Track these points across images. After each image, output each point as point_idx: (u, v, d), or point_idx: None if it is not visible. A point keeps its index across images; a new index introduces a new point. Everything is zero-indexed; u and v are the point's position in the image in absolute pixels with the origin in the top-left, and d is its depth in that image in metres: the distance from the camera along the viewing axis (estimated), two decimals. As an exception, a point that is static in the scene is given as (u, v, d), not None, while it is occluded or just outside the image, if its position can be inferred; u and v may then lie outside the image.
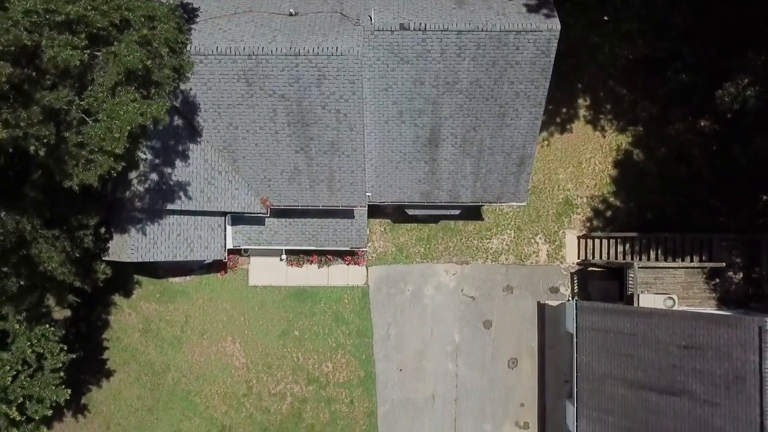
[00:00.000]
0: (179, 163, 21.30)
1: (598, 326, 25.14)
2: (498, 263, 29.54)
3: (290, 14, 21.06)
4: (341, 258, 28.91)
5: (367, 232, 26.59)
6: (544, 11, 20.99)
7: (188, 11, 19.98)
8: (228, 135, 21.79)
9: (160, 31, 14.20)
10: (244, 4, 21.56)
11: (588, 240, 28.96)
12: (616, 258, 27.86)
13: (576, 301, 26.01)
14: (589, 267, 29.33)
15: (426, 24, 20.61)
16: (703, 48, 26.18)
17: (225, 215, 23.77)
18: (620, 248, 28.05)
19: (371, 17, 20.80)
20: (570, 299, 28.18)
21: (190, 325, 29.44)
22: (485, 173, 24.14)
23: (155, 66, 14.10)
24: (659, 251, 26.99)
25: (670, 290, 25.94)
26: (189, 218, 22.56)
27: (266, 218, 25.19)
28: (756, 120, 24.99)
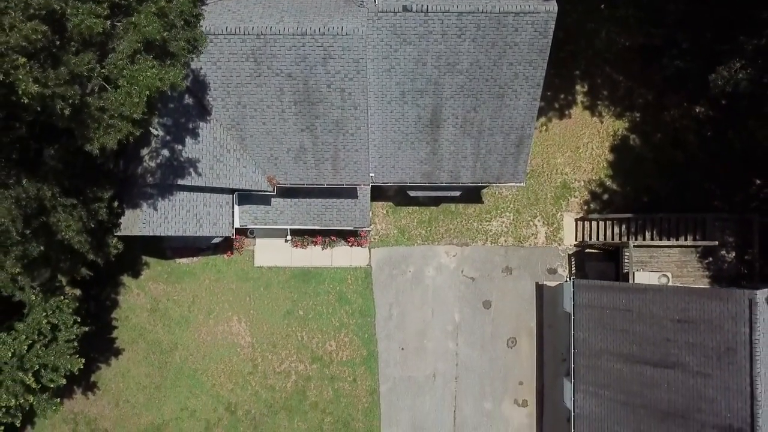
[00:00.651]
0: (189, 141, 22.06)
1: (595, 303, 25.87)
2: (497, 245, 30.29)
3: (297, -4, 21.84)
4: (344, 239, 29.66)
5: (370, 213, 27.30)
6: (542, -6, 21.75)
7: (196, -2, 20.75)
8: (236, 113, 22.56)
9: (176, 4, 15.01)
10: (253, -13, 22.34)
11: (585, 222, 29.70)
12: (613, 239, 28.59)
13: (573, 279, 26.74)
14: (587, 249, 30.08)
15: (428, 6, 21.38)
16: (698, 34, 26.94)
17: (233, 192, 24.53)
18: (616, 229, 28.78)
19: (375, -1, 21.59)
20: (567, 280, 28.90)
21: (197, 305, 30.19)
22: (485, 153, 24.88)
23: (171, 37, 14.88)
24: (654, 231, 27.73)
25: (665, 269, 26.70)
26: (198, 195, 23.31)
27: (272, 198, 25.94)
28: (748, 103, 25.73)
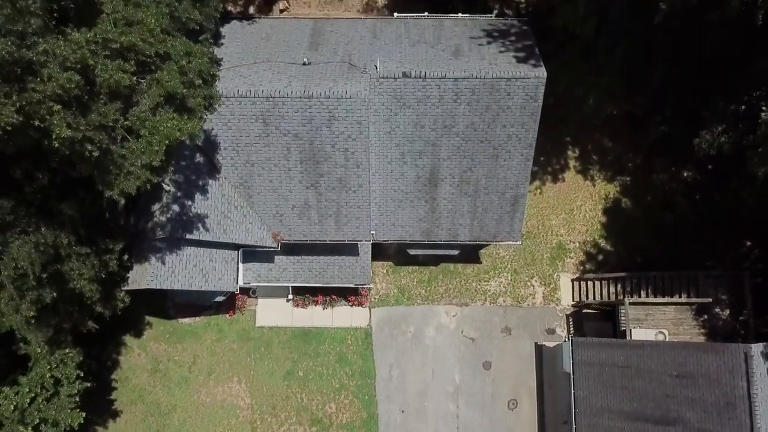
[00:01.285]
0: (199, 197, 23.04)
1: (594, 360, 26.08)
2: (496, 305, 30.73)
3: (304, 63, 23.48)
4: (345, 299, 30.12)
5: (371, 271, 27.91)
6: (532, 61, 23.44)
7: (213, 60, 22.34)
8: (245, 172, 23.69)
9: (195, 65, 16.37)
10: (263, 55, 24.07)
11: (581, 282, 30.30)
12: (609, 298, 29.11)
13: (572, 337, 27.04)
14: (584, 309, 30.51)
15: (426, 72, 22.97)
16: (680, 101, 28.68)
17: (238, 249, 25.28)
18: (612, 288, 29.36)
19: (377, 66, 23.21)
20: (566, 340, 29.13)
21: (198, 366, 30.23)
22: (482, 212, 25.85)
23: (189, 94, 16.12)
24: (649, 289, 28.31)
25: (661, 326, 27.09)
26: (205, 250, 24.06)
27: (275, 256, 26.67)
28: (731, 164, 27.00)
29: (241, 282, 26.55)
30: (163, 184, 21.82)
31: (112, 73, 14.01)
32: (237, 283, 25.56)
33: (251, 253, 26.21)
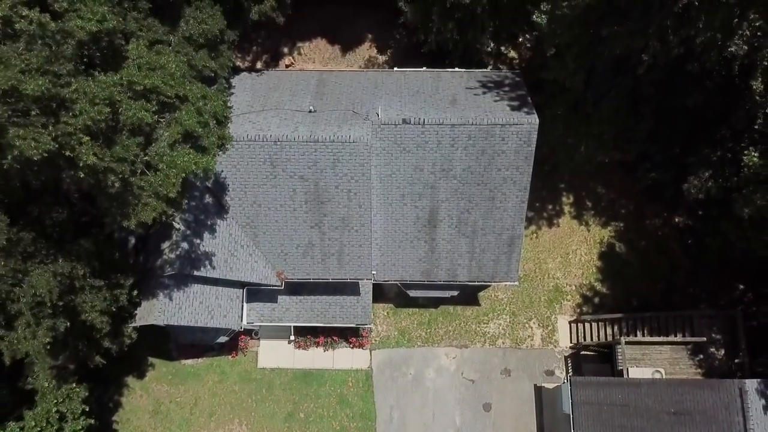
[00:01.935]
0: (207, 236, 23.99)
1: (592, 400, 26.38)
2: (495, 347, 31.17)
3: (310, 111, 24.93)
4: (346, 340, 30.59)
5: (372, 316, 28.47)
6: (525, 109, 24.88)
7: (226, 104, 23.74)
8: (251, 212, 24.74)
9: (210, 107, 17.69)
10: (271, 103, 25.55)
11: (579, 324, 30.85)
12: (606, 339, 29.61)
13: (570, 377, 27.40)
14: (582, 351, 30.94)
15: (424, 119, 24.36)
16: (667, 148, 30.01)
17: (243, 287, 26.02)
18: (609, 330, 29.90)
19: (378, 113, 24.63)
20: (565, 382, 29.43)
21: (199, 407, 30.40)
22: (479, 252, 26.73)
23: (205, 133, 17.36)
24: (645, 330, 28.87)
25: (658, 366, 27.48)
26: (211, 288, 24.81)
27: (279, 296, 27.37)
28: (720, 208, 28.04)
29: (245, 321, 27.14)
30: (174, 223, 22.82)
31: (135, 112, 15.28)
32: (242, 321, 26.18)
33: (255, 293, 26.93)
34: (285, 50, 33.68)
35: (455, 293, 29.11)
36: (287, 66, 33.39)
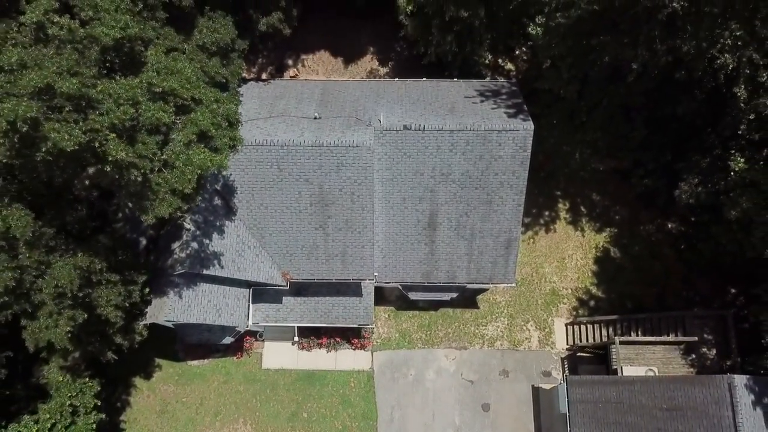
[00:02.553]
0: (216, 236, 24.96)
1: (588, 398, 27.16)
2: (494, 348, 31.99)
3: (315, 117, 26.07)
4: (348, 342, 31.42)
5: (373, 317, 29.34)
6: (521, 116, 26.00)
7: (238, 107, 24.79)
8: (259, 214, 25.75)
9: (223, 110, 18.80)
10: (278, 110, 26.69)
11: (575, 326, 31.70)
12: (601, 340, 30.44)
13: (566, 377, 28.20)
14: (578, 352, 31.76)
15: (425, 125, 25.48)
16: (659, 155, 31.08)
17: (250, 287, 26.94)
18: (604, 331, 30.75)
19: (380, 120, 25.76)
20: (562, 382, 30.19)
21: (205, 407, 31.16)
22: (478, 254, 27.69)
23: (218, 135, 18.44)
24: (639, 330, 29.72)
25: (651, 365, 28.29)
26: (219, 287, 25.73)
27: (283, 297, 28.28)
28: (710, 213, 29.03)
29: (251, 322, 28.00)
30: (184, 224, 23.81)
31: (154, 112, 16.37)
32: (248, 320, 27.06)
33: (261, 294, 27.84)
34: (290, 62, 34.94)
35: (455, 295, 30.01)
36: (292, 77, 34.61)
